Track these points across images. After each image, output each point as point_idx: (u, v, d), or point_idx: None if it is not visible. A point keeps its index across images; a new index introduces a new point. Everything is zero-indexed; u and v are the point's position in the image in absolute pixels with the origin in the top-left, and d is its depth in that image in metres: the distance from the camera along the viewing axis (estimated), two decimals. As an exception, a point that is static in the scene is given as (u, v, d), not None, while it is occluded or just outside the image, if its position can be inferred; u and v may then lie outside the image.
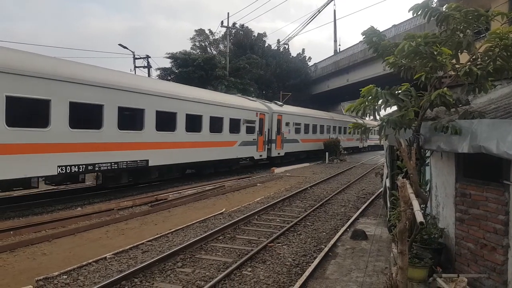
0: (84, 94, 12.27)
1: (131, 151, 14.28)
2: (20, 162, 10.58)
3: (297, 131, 29.89)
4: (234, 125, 21.24)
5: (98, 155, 12.97)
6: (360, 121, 29.47)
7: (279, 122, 26.70)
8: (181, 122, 16.83)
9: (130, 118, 14.40)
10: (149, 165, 15.17)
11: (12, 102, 10.28)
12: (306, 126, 31.64)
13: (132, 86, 14.34)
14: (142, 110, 14.72)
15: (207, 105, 18.79)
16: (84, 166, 12.53)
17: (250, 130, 22.80)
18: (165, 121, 16.00)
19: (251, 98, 26.77)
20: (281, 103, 29.68)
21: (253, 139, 23.38)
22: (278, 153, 27.01)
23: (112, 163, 13.55)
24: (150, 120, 15.01)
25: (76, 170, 12.30)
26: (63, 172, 11.85)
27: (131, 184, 15.71)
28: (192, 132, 17.63)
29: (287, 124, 27.85)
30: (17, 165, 10.50)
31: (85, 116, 12.75)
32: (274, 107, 26.90)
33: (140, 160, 14.72)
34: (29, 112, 11.19)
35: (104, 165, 13.28)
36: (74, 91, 11.92)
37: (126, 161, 14.10)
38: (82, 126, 12.46)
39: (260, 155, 24.60)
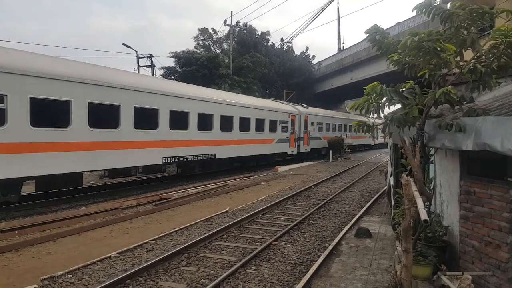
0: (180, 105, 16.76)
1: (205, 146, 18.58)
2: (142, 154, 14.73)
3: (320, 129, 33.71)
4: (272, 126, 25.05)
5: (186, 149, 17.20)
6: (372, 120, 31.54)
7: (305, 122, 30.47)
8: (236, 124, 20.98)
9: (205, 121, 18.57)
10: (216, 157, 19.38)
11: (137, 112, 14.33)
12: (327, 125, 35.57)
13: (207, 97, 18.93)
14: (211, 115, 19.01)
15: (252, 109, 22.73)
16: (177, 157, 16.71)
17: (284, 130, 26.61)
18: (227, 123, 20.28)
19: (284, 102, 31.08)
20: (306, 106, 33.22)
21: (286, 137, 27.12)
22: (305, 149, 30.77)
23: (193, 156, 17.83)
24: (216, 123, 19.35)
25: (173, 160, 16.55)
26: (165, 161, 16.13)
27: (200, 173, 19.17)
28: (243, 132, 21.72)
29: (312, 123, 31.66)
30: (141, 156, 14.76)
31: (179, 120, 16.69)
32: (301, 109, 30.84)
33: (210, 154, 19.02)
34: (148, 118, 15.08)
35: (189, 156, 17.50)
36: (173, 103, 16.28)
37: (202, 154, 18.48)
38: (177, 128, 16.48)
39: (292, 151, 28.34)
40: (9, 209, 11.34)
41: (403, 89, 5.62)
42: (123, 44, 30.43)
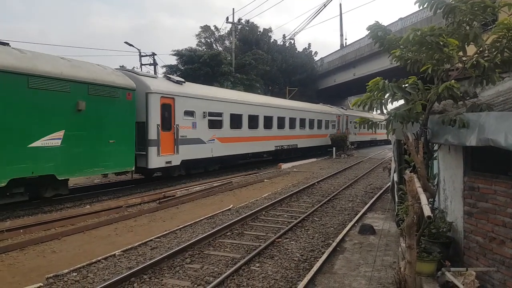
0: (283, 113, 26.92)
1: (292, 139, 28.02)
2: (268, 144, 24.92)
3: (355, 127, 39.39)
4: (326, 124, 34.50)
5: (283, 141, 26.88)
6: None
7: (346, 121, 39.18)
8: (307, 124, 30.72)
9: (293, 123, 28.40)
10: (298, 147, 29.20)
11: (265, 118, 24.41)
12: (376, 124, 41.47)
13: (297, 107, 29.51)
14: (295, 119, 28.46)
15: (316, 113, 32.66)
16: (280, 146, 26.51)
17: (333, 127, 36.10)
18: (303, 124, 29.97)
19: (332, 106, 39.13)
20: (345, 108, 43.29)
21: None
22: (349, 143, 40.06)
23: (285, 145, 27.29)
24: (298, 124, 29.00)
25: (279, 148, 26.48)
26: (277, 149, 26.33)
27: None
28: (311, 129, 31.44)
29: (350, 122, 39.25)
30: (267, 145, 24.89)
31: (281, 123, 26.52)
32: (342, 110, 40.06)
33: (293, 145, 28.39)
34: (269, 122, 25.09)
35: (285, 146, 27.31)
36: (279, 112, 26.39)
37: (289, 145, 27.86)
38: (280, 128, 26.38)
39: None
40: (14, 208, 11.40)
41: (406, 84, 5.61)
42: (126, 42, 30.53)
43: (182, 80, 18.05)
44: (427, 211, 4.14)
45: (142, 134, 14.95)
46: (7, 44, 11.29)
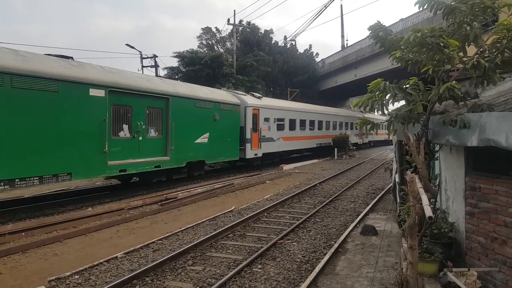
0: (325, 118, 34.09)
1: (328, 138, 33.84)
2: (310, 142, 31.08)
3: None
4: (351, 126, 40.58)
5: (323, 140, 33.10)
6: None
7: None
8: (337, 126, 37.30)
9: (328, 125, 34.93)
10: (331, 144, 33.34)
11: (310, 122, 31.03)
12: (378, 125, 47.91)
13: (336, 113, 37.92)
14: (329, 122, 34.93)
15: (344, 116, 39.52)
16: (320, 143, 32.46)
17: (355, 128, 41.16)
18: (340, 126, 37.86)
19: (355, 110, 44.18)
20: (363, 111, 49.72)
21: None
22: (367, 140, 47.19)
23: (323, 143, 33.10)
24: (331, 126, 35.45)
25: (319, 145, 32.29)
26: (318, 145, 32.29)
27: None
28: (340, 130, 37.62)
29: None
30: (310, 143, 31.11)
31: (320, 125, 32.76)
32: (362, 114, 42.77)
33: (328, 142, 33.59)
34: (313, 124, 31.48)
35: (323, 144, 32.97)
36: (319, 117, 33.16)
37: (326, 142, 33.44)
38: (319, 129, 32.52)
39: (368, 140, 47.51)
40: (16, 211, 11.43)
41: (407, 85, 5.61)
42: (127, 44, 30.45)
43: (260, 95, 25.78)
44: (428, 212, 4.14)
45: (241, 135, 21.51)
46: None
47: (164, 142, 15.67)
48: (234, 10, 38.53)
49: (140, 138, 14.35)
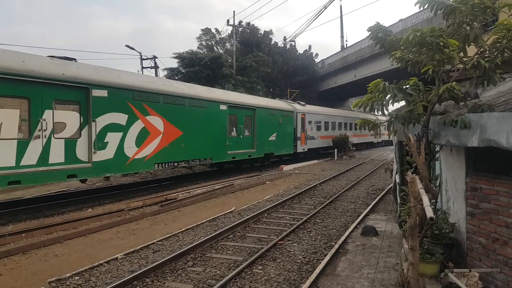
0: (345, 120, 39.82)
1: (351, 138, 36.57)
2: (328, 140, 34.14)
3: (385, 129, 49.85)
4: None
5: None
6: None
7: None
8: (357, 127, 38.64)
9: (351, 127, 39.67)
10: (353, 143, 37.08)
11: (338, 124, 37.95)
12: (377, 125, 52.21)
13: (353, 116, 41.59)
14: (351, 124, 39.42)
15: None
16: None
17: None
18: (356, 127, 38.28)
19: (372, 113, 55.34)
20: (374, 114, 57.74)
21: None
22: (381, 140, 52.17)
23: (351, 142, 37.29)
24: (353, 127, 39.29)
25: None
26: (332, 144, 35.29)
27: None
28: (359, 130, 46.99)
29: (380, 126, 48.68)
30: (327, 142, 34.15)
31: (345, 126, 38.98)
32: (376, 116, 46.83)
33: (350, 141, 35.65)
34: (340, 126, 38.34)
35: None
36: (341, 120, 39.04)
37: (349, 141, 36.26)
38: (344, 129, 38.62)
39: (382, 140, 52.19)
40: (16, 212, 11.42)
41: (407, 86, 5.60)
42: (127, 45, 30.41)
43: (304, 103, 31.63)
44: (429, 213, 4.13)
45: (294, 134, 27.79)
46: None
47: (252, 139, 22.25)
48: (234, 11, 38.75)
49: (241, 136, 21.06)
